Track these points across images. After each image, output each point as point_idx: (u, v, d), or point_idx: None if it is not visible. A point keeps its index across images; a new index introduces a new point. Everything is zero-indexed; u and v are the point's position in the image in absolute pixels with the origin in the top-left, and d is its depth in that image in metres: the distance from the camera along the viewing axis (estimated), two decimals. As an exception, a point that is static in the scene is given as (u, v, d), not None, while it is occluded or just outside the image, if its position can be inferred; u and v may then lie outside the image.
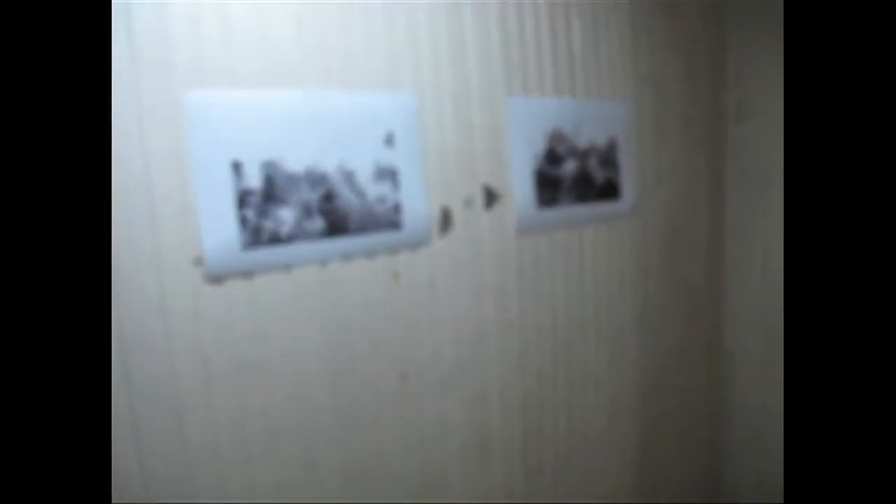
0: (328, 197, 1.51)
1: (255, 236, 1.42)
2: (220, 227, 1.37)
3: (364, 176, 1.55)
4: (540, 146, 1.91)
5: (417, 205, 1.65)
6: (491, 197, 1.79)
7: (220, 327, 1.39)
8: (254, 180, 1.41)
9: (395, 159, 1.59)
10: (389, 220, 1.62)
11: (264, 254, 1.44)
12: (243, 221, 1.40)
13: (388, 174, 1.58)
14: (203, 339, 1.37)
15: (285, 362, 1.48)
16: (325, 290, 1.53)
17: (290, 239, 1.47)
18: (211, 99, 1.35)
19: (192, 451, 1.37)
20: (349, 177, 1.53)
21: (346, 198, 1.54)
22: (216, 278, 1.38)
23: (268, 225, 1.44)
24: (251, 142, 1.41)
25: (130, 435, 1.28)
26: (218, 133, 1.36)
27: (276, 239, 1.45)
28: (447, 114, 1.69)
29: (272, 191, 1.44)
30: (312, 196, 1.49)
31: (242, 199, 1.40)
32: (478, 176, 1.77)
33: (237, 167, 1.39)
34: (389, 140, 1.58)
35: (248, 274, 1.43)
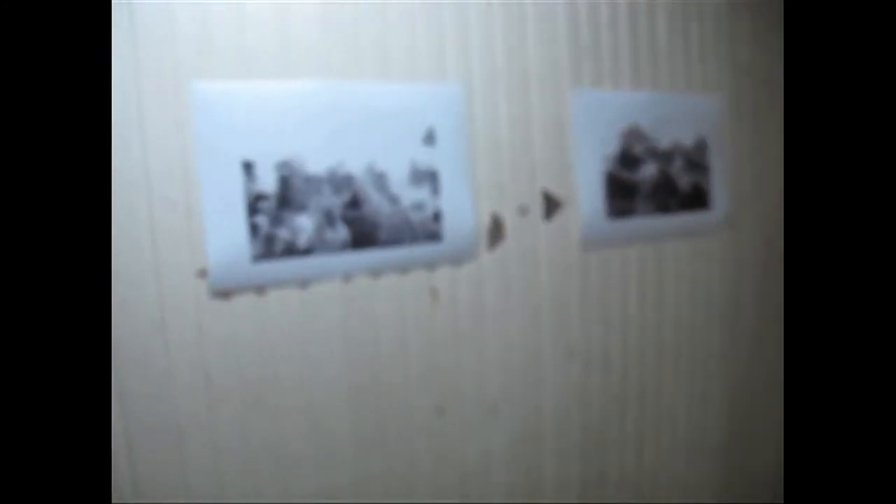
0: (354, 202, 1.30)
1: (268, 247, 1.25)
2: (227, 236, 1.20)
3: (398, 178, 1.34)
4: (612, 146, 1.61)
5: (462, 213, 1.43)
6: (551, 205, 1.52)
7: (225, 346, 1.23)
8: (267, 182, 1.23)
9: (435, 159, 1.36)
10: (427, 231, 1.41)
11: (278, 267, 1.26)
12: (254, 229, 1.23)
13: (426, 177, 1.36)
14: (207, 358, 1.22)
15: (300, 387, 1.32)
16: (349, 310, 1.35)
17: (308, 250, 1.28)
18: (220, 90, 1.18)
19: (193, 479, 1.21)
20: (380, 179, 1.32)
21: (376, 204, 1.32)
22: (222, 293, 1.21)
23: (283, 234, 1.25)
24: (265, 139, 1.23)
25: (125, 461, 1.15)
26: (227, 129, 1.20)
27: (291, 250, 1.27)
28: (500, 107, 1.46)
29: (288, 195, 1.25)
30: (336, 201, 1.29)
31: (254, 203, 1.23)
32: (536, 180, 1.51)
33: (249, 167, 1.21)
34: (429, 137, 1.36)
35: (259, 289, 1.25)
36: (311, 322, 1.31)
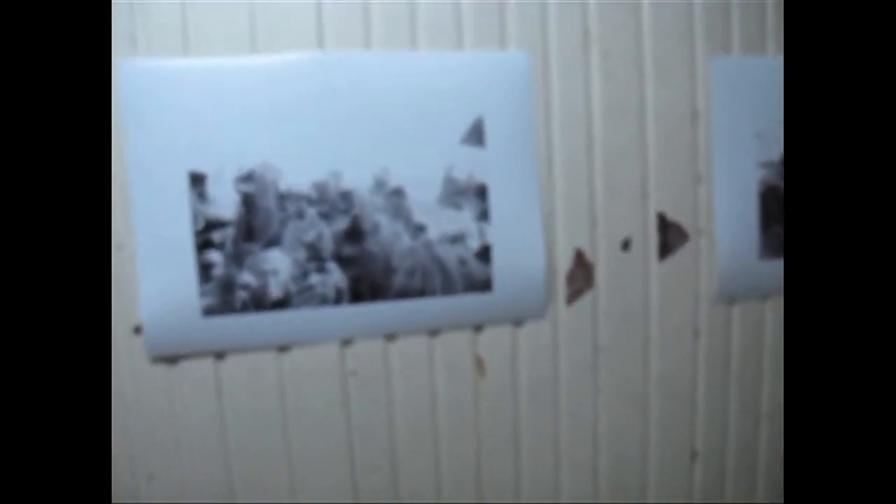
0: (355, 233, 0.86)
1: (226, 296, 0.88)
2: (167, 279, 0.86)
3: (424, 196, 0.91)
4: (773, 146, 1.01)
5: (525, 248, 0.96)
6: (671, 236, 1.03)
7: (170, 428, 0.90)
8: (225, 203, 0.84)
9: (484, 167, 0.93)
10: (470, 275, 0.95)
11: (241, 324, 0.89)
12: (205, 271, 0.87)
13: (469, 194, 0.90)
14: (143, 445, 0.88)
15: (278, 494, 0.93)
16: (350, 387, 0.95)
17: (283, 302, 0.89)
18: (157, 70, 0.80)
19: None
20: (395, 198, 0.87)
21: (389, 235, 0.89)
22: (165, 357, 0.88)
23: (245, 278, 0.88)
24: (223, 139, 0.85)
25: None
26: (168, 126, 0.84)
27: (260, 301, 0.89)
28: (590, 87, 0.99)
29: (255, 221, 0.84)
30: (326, 231, 0.85)
31: (205, 233, 0.87)
32: (647, 198, 1.01)
33: (198, 181, 0.82)
34: (475, 133, 0.93)
35: (217, 354, 0.85)
36: (294, 402, 0.93)
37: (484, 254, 0.94)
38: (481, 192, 0.93)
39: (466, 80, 0.91)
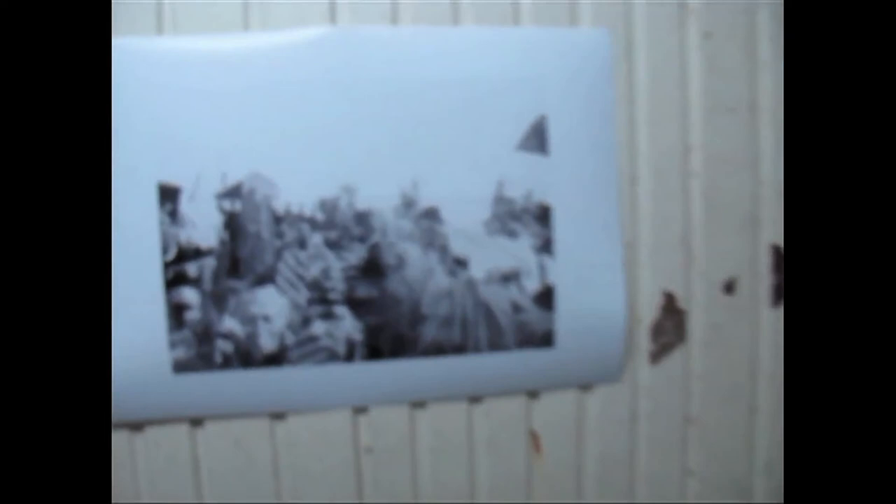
0: (374, 268, 0.65)
1: (204, 347, 0.68)
2: (126, 325, 0.67)
3: (467, 220, 0.71)
4: None
5: (600, 291, 0.74)
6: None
7: None
8: (203, 226, 0.65)
9: (546, 182, 0.71)
10: (525, 326, 0.72)
11: (223, 383, 0.69)
12: (177, 314, 0.67)
13: (526, 217, 0.72)
14: None
15: None
16: (362, 466, 0.74)
17: (279, 358, 0.69)
18: (121, 53, 0.61)
19: None
20: (428, 221, 0.67)
21: (419, 271, 0.70)
22: (126, 422, 0.70)
23: (230, 325, 0.69)
24: (203, 142, 0.63)
25: None
26: (132, 122, 0.65)
27: (247, 356, 0.69)
28: (686, 79, 0.75)
29: (242, 250, 0.63)
30: (335, 264, 0.63)
31: (177, 266, 0.67)
32: (758, 227, 0.78)
33: (169, 196, 0.62)
34: (536, 137, 0.71)
35: (193, 420, 0.66)
36: (291, 483, 0.72)
37: (545, 297, 0.72)
38: (543, 216, 0.70)
39: (525, 66, 0.68)
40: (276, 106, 0.66)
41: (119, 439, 0.69)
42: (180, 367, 0.67)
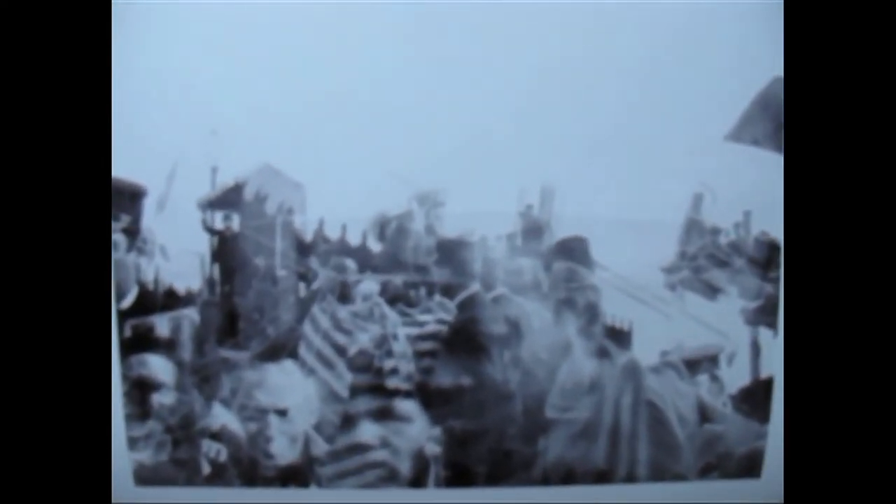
0: (465, 338, 0.34)
1: (181, 451, 0.45)
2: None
3: (632, 258, 0.42)
4: None
5: None
6: None
7: None
8: (180, 254, 0.32)
9: (777, 198, 0.41)
10: (715, 445, 0.46)
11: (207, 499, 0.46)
12: (140, 398, 0.46)
13: (735, 261, 0.47)
14: None
15: None
16: None
17: (302, 475, 0.44)
18: None
19: None
20: (564, 260, 0.32)
21: (544, 346, 0.43)
22: None
23: (223, 419, 0.44)
24: (180, 111, 0.31)
25: None
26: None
27: (250, 471, 0.44)
28: None
29: (240, 298, 0.33)
30: (400, 330, 0.32)
31: (138, 321, 0.44)
32: None
33: (129, 203, 0.37)
34: (762, 119, 0.41)
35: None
36: None
37: (755, 398, 0.46)
38: (767, 258, 0.39)
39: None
40: (308, 60, 0.38)
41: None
42: (145, 477, 0.45)
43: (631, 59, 0.40)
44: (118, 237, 0.41)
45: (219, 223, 0.41)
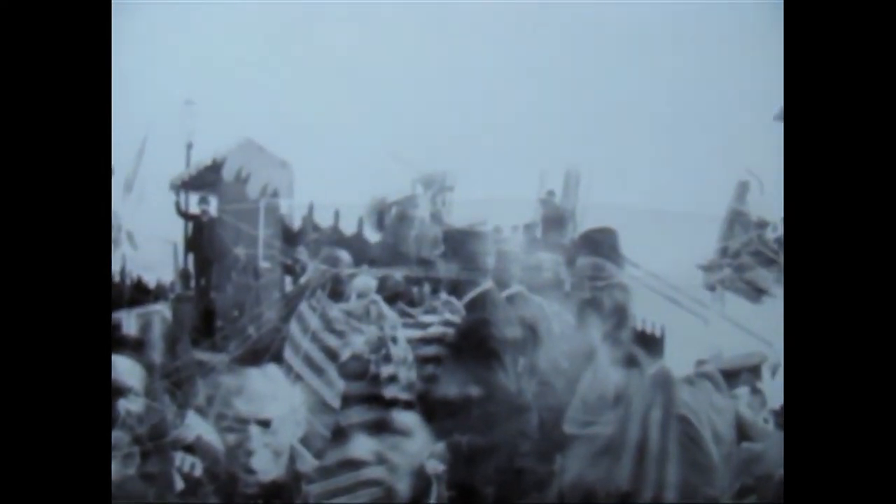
0: (475, 342, 0.50)
1: (150, 464, 0.43)
2: None
3: (667, 255, 0.50)
4: None
5: None
6: None
7: None
8: (150, 241, 0.47)
9: None
10: (755, 464, 0.43)
11: None
12: None
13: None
14: None
15: None
16: None
17: (286, 492, 0.42)
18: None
19: None
20: (588, 254, 0.45)
21: (565, 352, 0.43)
22: None
23: (198, 429, 0.44)
24: (154, 75, 0.56)
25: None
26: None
27: (229, 486, 0.42)
28: None
29: (218, 293, 0.53)
30: (399, 332, 0.41)
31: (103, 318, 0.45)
32: None
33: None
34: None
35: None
36: None
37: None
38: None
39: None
40: (298, 19, 0.54)
41: None
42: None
43: (674, 25, 0.36)
44: (81, 222, 0.37)
45: (194, 206, 0.38)
